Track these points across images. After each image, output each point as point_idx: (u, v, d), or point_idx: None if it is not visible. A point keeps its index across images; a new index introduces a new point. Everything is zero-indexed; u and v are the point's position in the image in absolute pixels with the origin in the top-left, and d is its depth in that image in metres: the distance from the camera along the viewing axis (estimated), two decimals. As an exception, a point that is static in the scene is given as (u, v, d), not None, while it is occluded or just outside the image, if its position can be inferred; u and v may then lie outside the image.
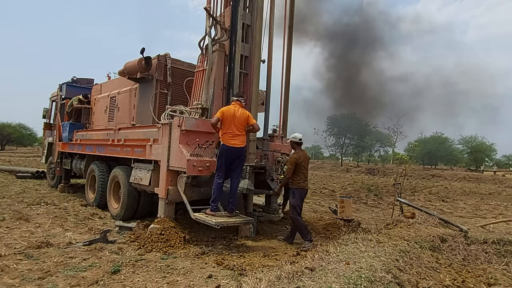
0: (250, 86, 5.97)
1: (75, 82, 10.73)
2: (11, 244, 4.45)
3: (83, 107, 9.44)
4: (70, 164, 9.46)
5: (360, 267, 3.06)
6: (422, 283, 3.37)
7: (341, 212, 6.50)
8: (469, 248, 4.58)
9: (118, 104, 8.00)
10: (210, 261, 4.15)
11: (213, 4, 6.10)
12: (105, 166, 7.52)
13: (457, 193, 16.08)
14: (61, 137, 9.85)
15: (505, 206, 11.97)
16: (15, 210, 6.50)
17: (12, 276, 3.42)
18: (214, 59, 5.80)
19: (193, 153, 5.05)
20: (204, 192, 5.50)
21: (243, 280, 3.13)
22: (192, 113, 5.65)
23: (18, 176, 12.27)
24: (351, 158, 51.55)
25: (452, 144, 44.72)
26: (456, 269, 4.03)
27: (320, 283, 2.75)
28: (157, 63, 6.77)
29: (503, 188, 19.08)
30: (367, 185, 17.60)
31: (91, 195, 7.76)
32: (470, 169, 36.77)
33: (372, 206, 10.74)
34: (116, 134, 7.12)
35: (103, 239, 4.72)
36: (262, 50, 6.01)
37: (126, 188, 6.30)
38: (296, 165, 5.30)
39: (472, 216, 9.51)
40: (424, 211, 5.84)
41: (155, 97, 6.81)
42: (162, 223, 5.01)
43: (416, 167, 32.89)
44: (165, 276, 3.59)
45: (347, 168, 33.04)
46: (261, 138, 6.32)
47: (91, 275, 3.48)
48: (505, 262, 4.33)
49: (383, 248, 3.75)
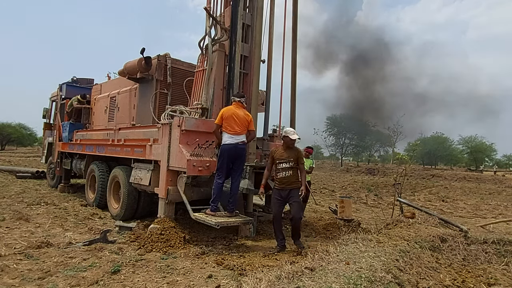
0: (250, 86, 5.97)
1: (75, 82, 10.74)
2: (11, 244, 4.44)
3: (83, 107, 9.44)
4: (70, 164, 9.46)
5: (360, 267, 3.06)
6: (422, 283, 3.37)
7: (341, 212, 6.50)
8: (469, 248, 4.58)
9: (118, 104, 8.00)
10: (210, 261, 4.15)
11: (213, 4, 6.10)
12: (105, 166, 7.52)
13: (457, 193, 16.09)
14: (61, 137, 9.85)
15: (505, 206, 11.97)
16: (15, 210, 6.50)
17: (12, 276, 3.41)
18: (214, 59, 5.80)
19: (193, 153, 5.05)
20: (204, 192, 5.50)
21: (243, 280, 3.13)
22: (192, 113, 5.65)
23: (18, 176, 12.27)
24: (351, 158, 51.56)
25: (452, 144, 44.75)
26: (456, 269, 4.03)
27: (320, 283, 2.74)
28: (157, 63, 6.77)
29: (503, 188, 19.08)
30: (367, 185, 17.60)
31: (91, 195, 7.76)
32: (470, 169, 36.78)
33: (372, 206, 10.74)
34: (116, 134, 7.12)
35: (103, 239, 4.72)
36: (262, 50, 6.01)
37: (126, 188, 6.30)
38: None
39: (472, 216, 9.51)
40: (424, 211, 5.84)
41: (155, 97, 6.81)
42: (162, 223, 5.01)
43: (416, 167, 32.91)
44: (165, 276, 3.59)
45: (347, 168, 33.06)
46: (261, 138, 6.32)
47: (91, 275, 3.48)
48: (505, 262, 4.33)
49: (383, 248, 3.75)
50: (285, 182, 4.88)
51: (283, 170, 4.90)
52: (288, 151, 4.96)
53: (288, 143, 4.98)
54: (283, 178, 4.90)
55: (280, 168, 4.92)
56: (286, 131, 5.03)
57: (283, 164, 4.91)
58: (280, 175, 4.92)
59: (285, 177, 4.88)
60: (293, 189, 4.89)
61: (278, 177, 4.93)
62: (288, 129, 5.08)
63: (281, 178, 4.91)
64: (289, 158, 4.90)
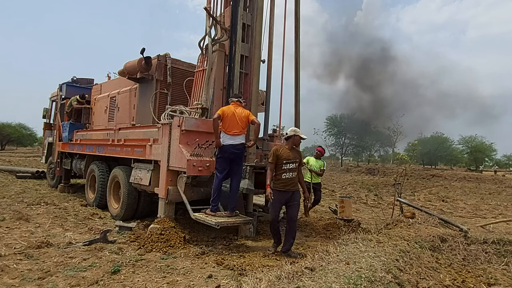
0: (250, 86, 5.97)
1: (75, 82, 10.74)
2: (11, 244, 4.45)
3: (83, 107, 9.44)
4: (70, 164, 9.46)
5: (360, 267, 3.06)
6: (422, 283, 3.37)
7: (341, 212, 6.50)
8: (469, 248, 4.58)
9: (118, 104, 8.00)
10: (210, 261, 4.15)
11: (213, 4, 6.10)
12: (105, 166, 7.52)
13: (457, 193, 16.09)
14: (61, 137, 9.86)
15: (505, 206, 11.97)
16: (15, 210, 6.50)
17: (12, 276, 3.42)
18: (214, 59, 5.79)
19: (193, 153, 5.05)
20: (204, 192, 5.50)
21: (243, 280, 3.13)
22: (192, 113, 5.65)
23: (18, 176, 12.27)
24: (351, 158, 51.55)
25: (452, 144, 44.75)
26: (456, 269, 4.03)
27: (320, 283, 2.74)
28: (157, 63, 6.77)
29: (503, 188, 19.09)
30: (367, 185, 17.61)
31: (91, 195, 7.76)
32: (470, 169, 36.79)
33: (372, 206, 10.73)
34: (116, 134, 7.12)
35: (103, 239, 4.72)
36: (262, 50, 6.01)
37: (126, 188, 6.30)
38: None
39: (472, 216, 9.52)
40: (424, 211, 5.84)
41: (155, 97, 6.81)
42: (162, 223, 5.01)
43: (416, 167, 32.90)
44: (165, 276, 3.59)
45: (347, 168, 33.04)
46: (261, 138, 6.31)
47: (91, 275, 3.49)
48: (505, 262, 4.33)
49: (383, 248, 3.75)
50: (290, 184, 4.65)
51: (290, 171, 4.64)
52: (293, 152, 4.74)
53: (297, 142, 4.81)
54: (288, 180, 4.63)
55: (287, 168, 4.63)
56: (296, 130, 4.84)
57: (290, 165, 4.64)
58: (286, 176, 4.62)
59: (290, 178, 4.64)
60: (296, 191, 4.72)
61: (283, 178, 4.62)
62: (296, 129, 4.92)
63: (287, 180, 4.62)
64: (295, 158, 4.69)
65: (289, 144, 4.77)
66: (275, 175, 4.67)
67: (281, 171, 4.62)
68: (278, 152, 4.66)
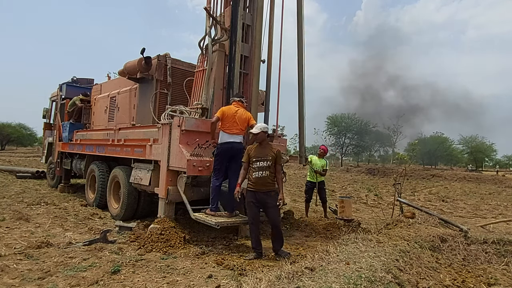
0: (250, 86, 5.97)
1: (75, 82, 10.75)
2: (11, 244, 4.45)
3: (83, 107, 9.45)
4: (70, 164, 9.47)
5: (360, 267, 3.05)
6: (422, 283, 3.37)
7: (341, 212, 6.50)
8: (469, 248, 4.57)
9: (118, 104, 8.00)
10: (210, 261, 4.15)
11: (213, 4, 6.09)
12: (105, 166, 7.52)
13: (457, 193, 16.09)
14: (61, 137, 9.86)
15: (505, 206, 11.97)
16: (15, 210, 6.50)
17: (12, 276, 3.42)
18: (214, 59, 5.79)
19: (193, 153, 5.05)
20: (204, 192, 5.51)
21: (243, 280, 3.12)
22: (192, 113, 5.65)
23: (18, 176, 12.28)
24: (351, 158, 51.55)
25: (452, 144, 44.75)
26: (456, 269, 4.03)
27: (320, 283, 2.74)
28: (157, 63, 6.77)
29: (503, 188, 19.10)
30: (367, 185, 17.61)
31: (91, 195, 7.76)
32: (469, 169, 36.80)
33: (372, 206, 10.73)
34: (116, 134, 7.12)
35: (103, 239, 4.72)
36: (262, 50, 6.01)
37: (126, 188, 6.30)
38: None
39: (472, 216, 9.52)
40: (424, 211, 5.84)
41: (155, 97, 6.81)
42: (162, 223, 5.01)
43: (416, 167, 32.92)
44: (165, 276, 3.59)
45: (347, 168, 33.05)
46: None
47: (91, 275, 3.49)
48: (505, 262, 4.33)
49: (383, 248, 3.75)
50: (261, 183, 4.38)
51: (260, 169, 4.38)
52: (264, 149, 4.49)
53: (260, 138, 4.49)
54: (258, 179, 4.38)
55: (257, 167, 4.39)
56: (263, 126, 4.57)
57: (260, 163, 4.39)
58: (256, 175, 4.38)
59: (260, 178, 4.37)
60: (268, 191, 4.42)
61: (253, 177, 4.40)
62: (262, 124, 4.68)
63: (257, 179, 4.38)
64: (266, 156, 4.41)
65: (258, 141, 4.55)
66: (249, 174, 4.50)
67: (252, 170, 4.45)
68: (250, 151, 4.52)
